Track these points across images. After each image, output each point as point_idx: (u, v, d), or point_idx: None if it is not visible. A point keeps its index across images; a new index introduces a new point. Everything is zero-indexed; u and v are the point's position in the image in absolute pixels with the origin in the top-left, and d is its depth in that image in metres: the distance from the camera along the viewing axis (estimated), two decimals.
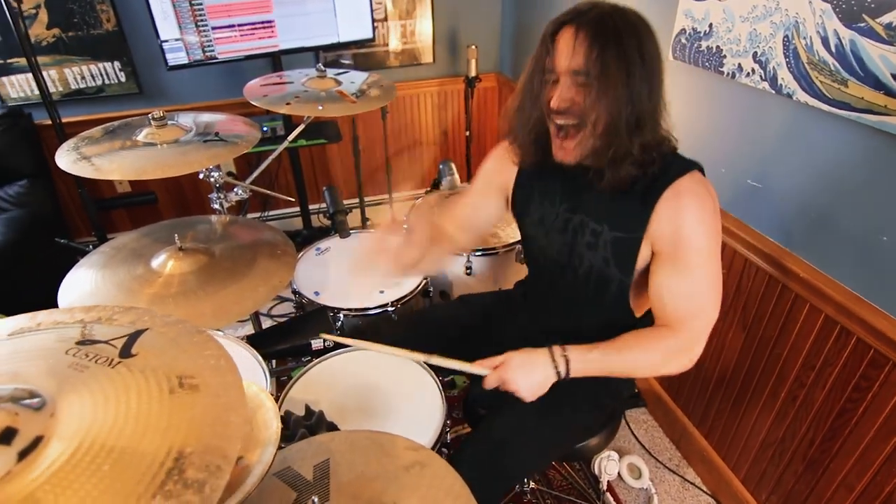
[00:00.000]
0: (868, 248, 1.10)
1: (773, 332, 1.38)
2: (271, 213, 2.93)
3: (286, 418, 0.94)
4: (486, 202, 1.25)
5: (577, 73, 0.91)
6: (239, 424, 0.53)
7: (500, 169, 1.20)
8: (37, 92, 2.27)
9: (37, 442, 0.48)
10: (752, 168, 1.37)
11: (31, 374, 0.56)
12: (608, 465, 1.73)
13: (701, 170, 1.00)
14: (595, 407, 1.19)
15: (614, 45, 0.88)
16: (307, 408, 0.97)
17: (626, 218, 1.00)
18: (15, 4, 2.03)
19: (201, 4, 2.00)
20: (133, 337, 0.64)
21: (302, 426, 0.90)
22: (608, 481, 1.73)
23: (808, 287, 1.24)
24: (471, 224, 1.30)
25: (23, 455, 0.47)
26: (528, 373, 1.02)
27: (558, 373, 1.02)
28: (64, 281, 1.26)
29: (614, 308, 1.10)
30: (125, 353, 0.61)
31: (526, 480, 1.66)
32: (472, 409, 1.33)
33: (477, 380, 1.40)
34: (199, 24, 2.03)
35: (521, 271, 1.60)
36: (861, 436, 1.17)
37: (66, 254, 1.41)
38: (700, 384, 1.70)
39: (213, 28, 2.06)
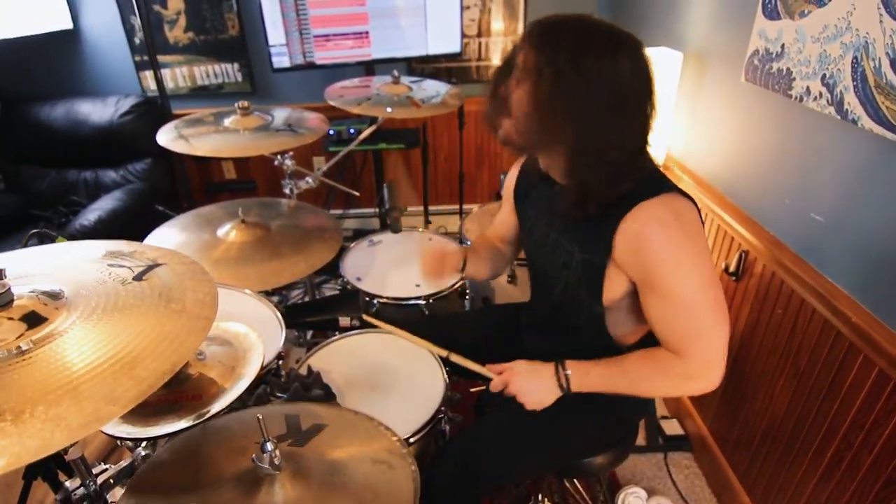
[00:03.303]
0: None
1: (825, 383, 1.24)
2: (352, 210, 3.14)
3: (289, 373, 1.03)
4: (507, 216, 1.28)
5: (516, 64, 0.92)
6: (194, 343, 0.62)
7: (509, 181, 1.24)
8: (170, 85, 2.67)
9: (41, 320, 0.61)
10: (815, 200, 1.26)
11: (66, 278, 0.70)
12: (632, 502, 1.64)
13: (683, 194, 0.93)
14: (598, 427, 1.15)
15: (548, 48, 0.86)
16: (309, 368, 1.06)
17: (593, 241, 0.96)
18: (159, 9, 2.41)
19: (306, 15, 2.24)
20: (150, 267, 0.77)
21: (298, 381, 0.98)
22: None
23: (862, 335, 1.11)
24: (507, 235, 1.34)
25: (30, 326, 0.60)
26: (530, 380, 1.03)
27: (561, 386, 1.02)
28: (147, 238, 1.48)
29: (590, 333, 1.06)
30: (138, 277, 0.74)
31: (541, 498, 1.62)
32: (481, 409, 1.35)
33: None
34: (302, 32, 2.27)
35: None
36: None
37: (163, 219, 1.66)
38: (748, 434, 1.56)
39: (315, 36, 2.30)
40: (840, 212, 1.19)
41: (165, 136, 1.50)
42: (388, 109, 1.74)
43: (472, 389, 1.98)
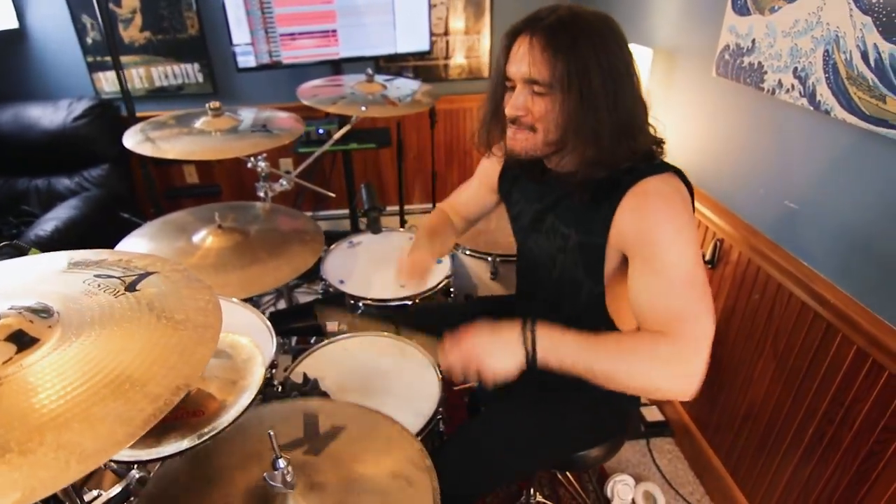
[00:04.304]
0: None
1: (804, 363, 1.29)
2: (322, 212, 3.07)
3: (284, 382, 0.99)
4: (479, 196, 1.33)
5: (529, 82, 0.90)
6: (204, 355, 0.58)
7: (490, 164, 1.24)
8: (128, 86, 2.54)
9: (32, 342, 0.56)
10: (789, 188, 1.31)
11: (49, 292, 0.65)
12: (621, 490, 1.67)
13: (679, 174, 0.94)
14: (592, 419, 1.16)
15: (568, 54, 0.85)
16: (304, 375, 1.02)
17: (592, 223, 0.96)
18: (114, 8, 2.29)
19: (272, 13, 2.17)
20: (142, 276, 0.72)
21: (296, 389, 0.95)
22: None
23: (840, 316, 1.16)
24: (468, 213, 1.39)
25: (20, 349, 0.55)
26: (489, 341, 0.91)
27: (526, 348, 0.89)
28: (116, 248, 1.41)
29: (591, 316, 1.06)
30: (131, 287, 0.69)
31: (532, 492, 1.63)
32: (474, 405, 1.34)
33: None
34: (268, 30, 2.20)
35: None
36: (888, 482, 1.08)
37: (129, 227, 1.57)
38: (728, 416, 1.61)
39: (281, 35, 2.23)
40: (814, 199, 1.24)
41: (132, 140, 1.42)
42: (363, 108, 1.71)
43: (456, 387, 1.98)
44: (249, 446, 0.71)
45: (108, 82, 2.54)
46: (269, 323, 1.14)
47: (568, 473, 1.72)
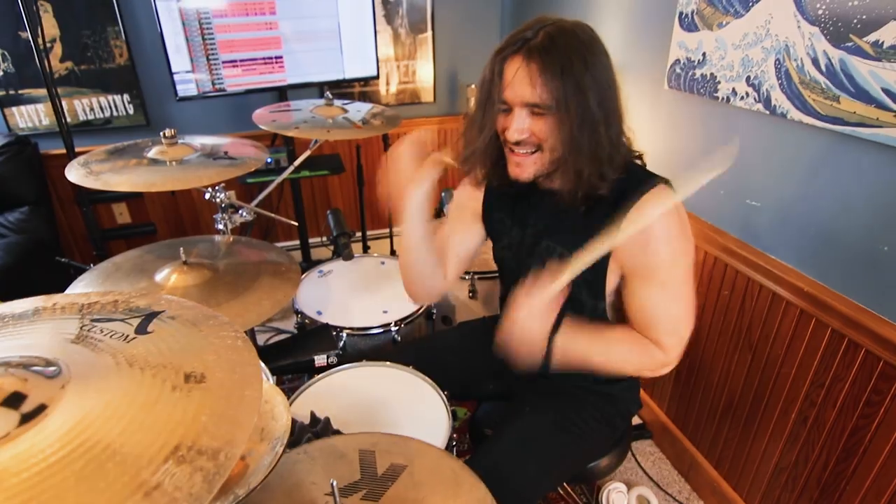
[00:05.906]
0: (870, 259, 1.12)
1: (780, 351, 1.37)
2: (272, 244, 2.93)
3: (292, 425, 0.91)
4: (464, 229, 1.20)
5: (529, 105, 0.90)
6: (254, 399, 0.51)
7: (470, 194, 1.18)
8: (45, 122, 2.33)
9: (40, 409, 0.47)
10: (750, 188, 1.41)
11: (44, 345, 0.55)
12: (616, 497, 1.67)
13: (667, 183, 0.98)
14: (604, 426, 1.16)
15: (565, 75, 0.86)
16: (312, 415, 0.94)
17: (593, 241, 0.96)
18: (41, 43, 2.10)
19: (213, 40, 2.08)
20: (149, 316, 0.63)
21: (308, 432, 0.87)
22: None
23: (812, 301, 1.24)
24: (464, 252, 1.23)
25: (25, 420, 0.45)
26: (531, 315, 0.94)
27: (554, 322, 0.95)
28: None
29: None
30: (141, 330, 0.60)
31: None
32: (477, 429, 1.30)
33: (483, 398, 1.38)
34: (210, 57, 2.10)
35: None
36: (876, 454, 1.15)
37: (66, 275, 1.40)
38: (708, 412, 1.67)
39: (224, 62, 2.13)
40: (776, 195, 1.34)
41: (76, 174, 1.28)
42: (328, 130, 1.66)
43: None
44: (297, 497, 0.63)
45: (22, 118, 2.31)
46: (263, 364, 1.04)
47: (566, 487, 1.70)
